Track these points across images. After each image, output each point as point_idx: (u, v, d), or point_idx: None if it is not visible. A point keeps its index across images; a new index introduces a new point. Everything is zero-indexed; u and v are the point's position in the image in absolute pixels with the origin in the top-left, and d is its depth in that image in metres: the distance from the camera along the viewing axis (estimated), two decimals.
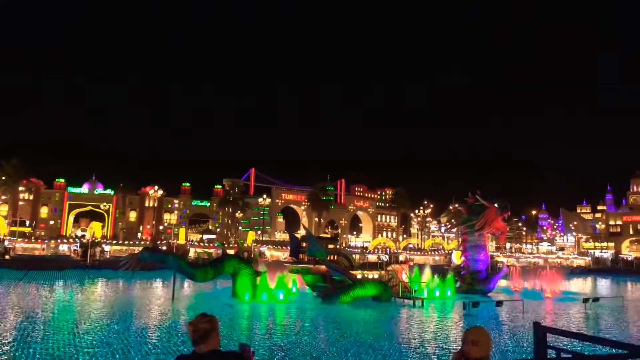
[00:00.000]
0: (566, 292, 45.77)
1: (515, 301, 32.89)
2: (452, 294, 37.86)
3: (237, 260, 31.15)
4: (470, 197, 43.31)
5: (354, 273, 32.29)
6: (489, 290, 40.47)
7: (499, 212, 41.49)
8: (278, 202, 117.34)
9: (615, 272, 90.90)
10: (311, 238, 34.12)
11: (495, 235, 47.21)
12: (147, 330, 19.73)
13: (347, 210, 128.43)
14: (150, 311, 25.53)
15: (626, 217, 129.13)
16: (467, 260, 41.73)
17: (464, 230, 42.71)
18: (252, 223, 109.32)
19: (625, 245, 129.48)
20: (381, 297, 31.58)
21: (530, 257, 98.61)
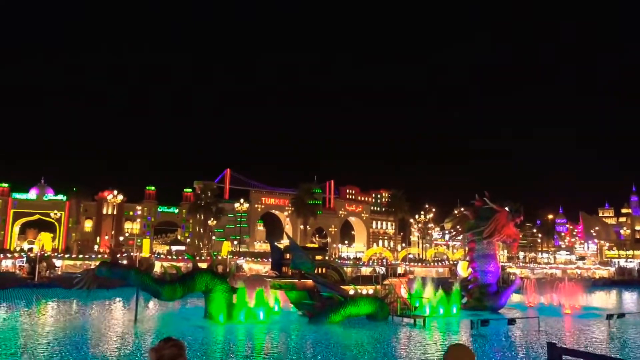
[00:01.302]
0: (587, 307, 46.28)
1: (530, 318, 33.20)
2: (458, 311, 38.07)
3: (210, 275, 31.00)
4: (477, 200, 43.62)
5: (346, 288, 32.31)
6: (500, 306, 40.78)
7: (511, 216, 41.83)
8: (257, 208, 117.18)
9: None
10: (296, 248, 34.08)
11: (507, 243, 47.53)
12: (105, 359, 19.53)
13: (337, 216, 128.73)
14: (109, 336, 25.26)
15: None
16: (474, 272, 42.02)
17: (471, 237, 43.00)
18: (227, 232, 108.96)
19: None
20: (377, 316, 31.64)
21: (546, 267, 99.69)
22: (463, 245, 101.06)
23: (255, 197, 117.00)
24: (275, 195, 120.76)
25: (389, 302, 33.25)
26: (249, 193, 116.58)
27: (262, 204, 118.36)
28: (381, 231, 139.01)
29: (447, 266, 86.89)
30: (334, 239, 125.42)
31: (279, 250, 36.53)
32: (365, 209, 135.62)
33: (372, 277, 35.73)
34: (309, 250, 37.16)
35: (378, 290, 33.84)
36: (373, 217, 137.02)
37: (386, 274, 37.08)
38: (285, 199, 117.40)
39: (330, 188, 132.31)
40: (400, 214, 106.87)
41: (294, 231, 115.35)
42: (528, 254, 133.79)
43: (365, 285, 33.88)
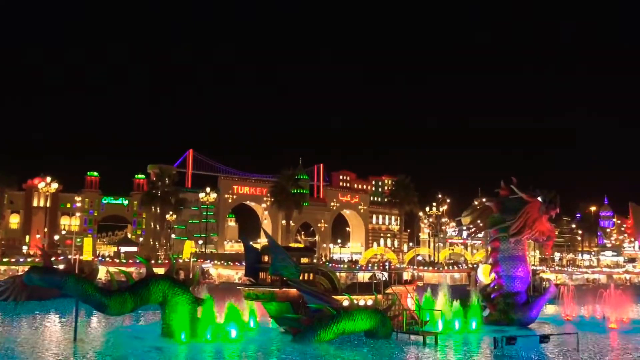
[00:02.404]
0: (638, 320, 46.89)
1: (567, 335, 33.58)
2: (478, 326, 38.39)
3: (169, 283, 30.98)
4: (502, 188, 43.90)
5: (338, 298, 32.47)
6: (530, 320, 41.22)
7: (544, 208, 42.17)
8: (228, 198, 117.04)
9: None
10: (276, 249, 34.11)
11: (539, 242, 48.04)
12: None
13: (328, 208, 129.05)
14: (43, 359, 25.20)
15: None
16: (499, 278, 42.39)
17: (495, 235, 43.32)
18: (190, 229, 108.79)
19: None
20: (377, 333, 31.84)
21: (588, 272, 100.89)
22: (485, 244, 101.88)
23: (226, 184, 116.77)
24: (250, 182, 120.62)
25: (393, 316, 33.45)
26: (218, 180, 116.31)
27: (234, 194, 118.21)
28: (383, 227, 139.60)
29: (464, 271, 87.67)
30: (324, 237, 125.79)
31: (255, 251, 36.51)
32: (363, 199, 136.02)
33: (372, 285, 35.87)
34: (292, 251, 37.21)
35: (379, 301, 34.05)
36: (373, 210, 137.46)
37: (389, 281, 37.20)
38: (262, 188, 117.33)
39: (319, 174, 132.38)
40: (407, 206, 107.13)
41: (274, 228, 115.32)
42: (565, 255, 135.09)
43: (363, 294, 34.06)
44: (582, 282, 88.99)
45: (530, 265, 50.51)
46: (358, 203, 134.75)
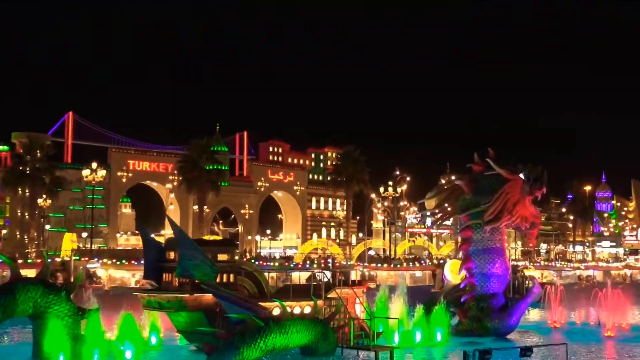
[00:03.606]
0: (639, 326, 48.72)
1: (554, 346, 34.59)
2: (445, 337, 39.13)
3: (42, 289, 30.40)
4: (476, 163, 44.53)
5: (267, 306, 32.51)
6: (509, 329, 42.26)
7: (527, 188, 43.02)
8: (122, 177, 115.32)
9: None
10: (185, 243, 33.77)
11: (521, 231, 49.06)
12: None
13: (255, 189, 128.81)
14: None
15: None
16: (471, 277, 43.20)
17: (466, 222, 44.04)
18: (71, 217, 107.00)
19: None
20: (317, 348, 32.04)
21: (581, 267, 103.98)
22: (454, 234, 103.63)
23: (118, 159, 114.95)
24: (151, 156, 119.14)
25: (337, 327, 33.67)
26: (108, 152, 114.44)
27: (130, 171, 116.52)
28: (325, 214, 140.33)
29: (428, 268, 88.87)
30: (250, 227, 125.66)
31: (158, 246, 36.16)
32: (300, 177, 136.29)
33: (311, 288, 36.04)
34: (207, 245, 36.88)
35: (319, 308, 34.25)
36: (312, 192, 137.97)
37: (333, 282, 37.43)
38: (168, 163, 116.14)
39: (242, 144, 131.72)
40: (356, 186, 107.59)
41: (183, 215, 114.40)
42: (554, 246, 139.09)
43: (300, 300, 34.19)
44: (573, 280, 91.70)
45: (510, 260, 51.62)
46: (293, 182, 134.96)
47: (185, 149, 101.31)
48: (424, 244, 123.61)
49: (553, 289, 52.59)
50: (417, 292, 57.28)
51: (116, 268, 77.58)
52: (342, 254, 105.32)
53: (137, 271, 67.77)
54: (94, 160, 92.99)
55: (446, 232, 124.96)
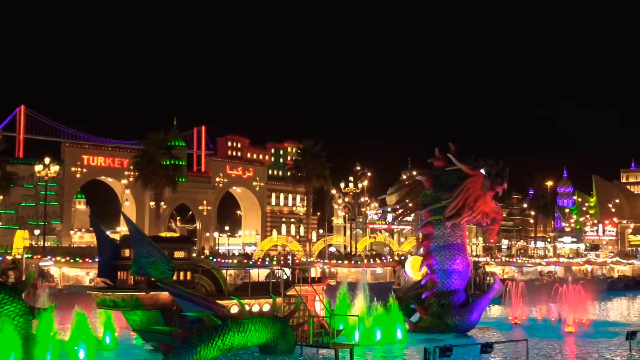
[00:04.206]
0: (600, 322, 49.57)
1: (515, 342, 35.00)
2: (405, 334, 39.38)
3: None
4: (437, 158, 44.84)
5: (225, 304, 32.38)
6: (470, 325, 42.67)
7: (488, 184, 43.44)
8: (76, 172, 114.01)
9: None
10: (141, 240, 33.48)
11: (482, 227, 49.56)
12: None
13: (213, 185, 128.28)
14: None
15: None
16: (432, 273, 43.52)
17: (427, 218, 44.34)
18: (22, 214, 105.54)
19: None
20: (276, 346, 32.08)
21: (542, 262, 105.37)
22: (415, 230, 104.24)
23: (72, 153, 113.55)
24: (106, 151, 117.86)
25: (296, 325, 33.72)
26: (61, 147, 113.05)
27: (84, 166, 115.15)
28: (285, 210, 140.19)
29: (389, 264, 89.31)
30: (208, 224, 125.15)
31: (112, 243, 35.85)
32: (259, 173, 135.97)
33: (270, 285, 36.00)
34: (163, 242, 36.61)
35: (278, 306, 34.25)
36: (272, 187, 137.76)
37: (292, 279, 37.48)
38: (123, 158, 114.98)
39: (200, 139, 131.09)
40: (317, 182, 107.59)
41: (139, 211, 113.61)
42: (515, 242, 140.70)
43: (258, 298, 34.08)
44: (534, 275, 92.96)
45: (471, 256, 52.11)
46: (252, 178, 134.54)
47: (142, 144, 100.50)
48: (385, 240, 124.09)
49: (514, 285, 53.24)
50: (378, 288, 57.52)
51: (70, 266, 76.74)
52: (302, 250, 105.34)
53: (92, 269, 67.10)
54: (47, 155, 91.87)
55: (407, 228, 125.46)
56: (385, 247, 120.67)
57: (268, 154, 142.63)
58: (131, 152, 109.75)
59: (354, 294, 42.20)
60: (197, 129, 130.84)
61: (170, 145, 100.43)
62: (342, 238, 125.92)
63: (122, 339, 35.74)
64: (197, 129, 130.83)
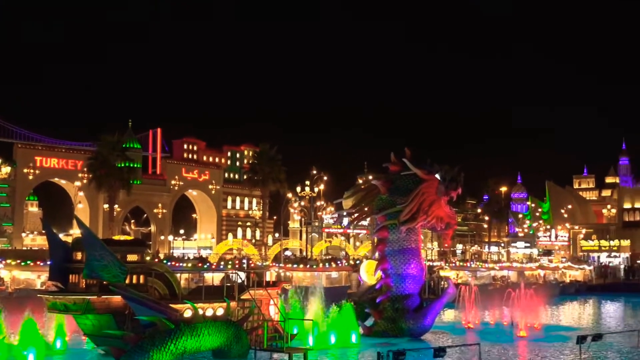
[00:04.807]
0: (552, 326, 50.27)
1: (468, 346, 35.32)
2: (359, 338, 39.49)
3: None
4: (392, 163, 45.06)
5: (178, 307, 32.21)
6: (423, 329, 42.93)
7: (443, 189, 43.78)
8: (28, 174, 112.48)
9: (630, 289, 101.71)
10: (93, 243, 33.13)
11: (436, 231, 49.89)
12: None
13: (169, 188, 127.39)
14: None
15: None
16: (386, 278, 43.72)
17: (382, 222, 44.53)
18: None
19: None
20: (230, 351, 31.98)
21: (496, 267, 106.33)
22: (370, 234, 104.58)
23: (25, 155, 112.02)
24: (59, 152, 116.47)
25: (250, 329, 33.65)
26: (13, 148, 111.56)
27: (37, 168, 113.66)
28: (241, 213, 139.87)
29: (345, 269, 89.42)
30: (163, 227, 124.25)
31: (64, 246, 35.39)
32: (215, 176, 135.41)
33: (224, 289, 35.86)
34: (116, 245, 36.31)
35: (232, 310, 34.15)
36: (228, 191, 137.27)
37: (247, 283, 37.35)
38: (77, 160, 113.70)
39: (155, 141, 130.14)
40: (273, 185, 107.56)
41: (93, 214, 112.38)
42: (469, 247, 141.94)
43: (212, 301, 33.96)
44: (488, 280, 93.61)
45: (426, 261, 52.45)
46: (208, 181, 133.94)
47: (96, 146, 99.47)
48: (341, 244, 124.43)
49: (467, 290, 53.66)
50: (334, 292, 57.65)
51: (21, 269, 75.64)
52: (258, 254, 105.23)
53: (43, 272, 66.20)
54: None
55: (363, 233, 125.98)
56: (341, 251, 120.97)
57: (224, 157, 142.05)
58: (85, 153, 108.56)
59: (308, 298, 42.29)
60: (152, 131, 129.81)
61: (124, 147, 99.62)
62: (298, 242, 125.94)
63: (74, 344, 35.34)
64: (152, 131, 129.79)
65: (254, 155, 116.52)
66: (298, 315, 38.84)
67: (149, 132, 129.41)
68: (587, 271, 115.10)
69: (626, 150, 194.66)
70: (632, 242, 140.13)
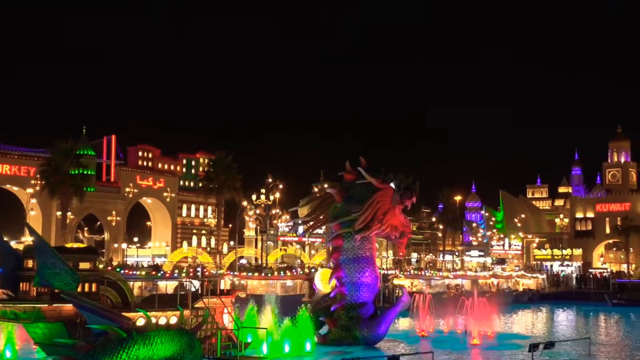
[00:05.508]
0: (505, 334, 50.79)
1: (421, 354, 35.54)
2: (314, 347, 39.50)
3: None
4: (348, 171, 45.20)
5: (131, 316, 31.96)
6: (378, 338, 43.10)
7: (398, 197, 44.04)
8: None
9: (581, 298, 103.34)
10: (45, 251, 32.75)
11: (391, 240, 50.16)
12: None
13: (123, 195, 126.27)
14: None
15: (600, 206, 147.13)
16: (341, 286, 43.81)
17: (337, 231, 44.63)
18: None
19: (599, 253, 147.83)
20: (183, 359, 31.78)
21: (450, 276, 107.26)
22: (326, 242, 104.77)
23: None
24: (11, 158, 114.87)
25: (204, 337, 33.50)
26: None
27: None
28: (196, 221, 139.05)
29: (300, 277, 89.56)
30: (116, 235, 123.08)
31: (15, 254, 34.98)
32: (171, 184, 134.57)
33: (177, 297, 35.68)
34: (68, 253, 36.00)
35: (187, 319, 33.97)
36: (183, 199, 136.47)
37: (201, 292, 37.21)
38: (30, 166, 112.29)
39: (110, 149, 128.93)
40: (228, 193, 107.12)
41: (46, 222, 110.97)
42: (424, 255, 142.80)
43: (165, 310, 33.78)
44: (442, 289, 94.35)
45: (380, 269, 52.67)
46: (163, 189, 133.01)
47: (49, 152, 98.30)
48: (296, 252, 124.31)
49: (422, 298, 54.06)
50: (289, 301, 57.65)
51: None
52: (213, 262, 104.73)
53: None
54: None
55: (318, 241, 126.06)
56: (296, 259, 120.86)
57: (180, 165, 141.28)
58: (38, 160, 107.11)
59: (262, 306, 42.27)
60: (107, 138, 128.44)
61: (78, 154, 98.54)
62: (253, 250, 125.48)
63: (24, 353, 34.90)
64: (107, 138, 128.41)
65: (210, 163, 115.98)
66: (252, 323, 38.79)
67: (103, 139, 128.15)
68: (540, 280, 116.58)
69: (579, 160, 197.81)
70: (584, 251, 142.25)
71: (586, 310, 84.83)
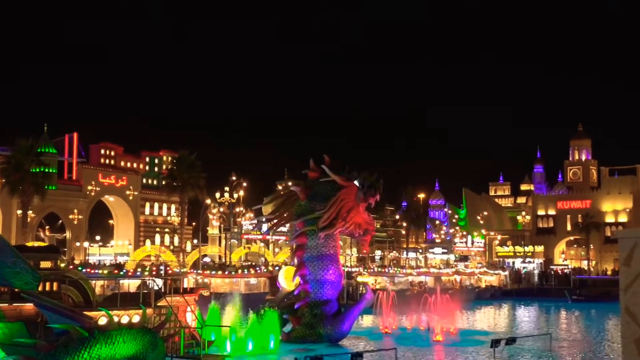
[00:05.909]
0: (467, 331, 51.31)
1: (384, 351, 35.76)
2: (277, 344, 39.55)
3: None
4: (311, 169, 45.30)
5: (93, 315, 31.73)
6: (341, 335, 43.23)
7: (361, 195, 44.22)
8: None
9: (543, 294, 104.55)
10: (4, 250, 32.41)
11: (355, 237, 50.38)
12: None
13: (85, 193, 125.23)
14: None
15: (562, 204, 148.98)
16: (305, 284, 43.88)
17: (301, 228, 44.71)
18: None
19: (560, 250, 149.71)
20: (145, 358, 31.56)
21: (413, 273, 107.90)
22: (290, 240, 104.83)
23: None
24: None
25: (167, 336, 33.34)
26: None
27: None
28: (159, 219, 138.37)
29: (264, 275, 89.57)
30: (79, 233, 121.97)
31: None
32: (133, 182, 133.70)
33: (140, 296, 35.50)
34: (29, 252, 35.74)
35: (149, 317, 33.79)
36: (146, 197, 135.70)
37: (164, 290, 37.04)
38: None
39: (72, 146, 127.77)
40: (192, 192, 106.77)
41: (6, 220, 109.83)
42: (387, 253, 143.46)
43: (127, 308, 33.60)
44: (405, 286, 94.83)
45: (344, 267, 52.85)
46: (126, 187, 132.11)
47: (9, 150, 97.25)
48: (260, 250, 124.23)
49: (385, 295, 54.36)
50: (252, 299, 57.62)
51: None
52: (176, 261, 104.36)
53: None
54: None
55: (282, 239, 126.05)
56: (260, 257, 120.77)
57: (143, 163, 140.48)
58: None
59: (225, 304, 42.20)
60: (68, 136, 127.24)
61: (39, 152, 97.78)
62: (217, 248, 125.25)
63: None
64: (68, 135, 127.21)
65: (173, 161, 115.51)
66: (216, 321, 38.71)
67: (64, 136, 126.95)
68: (502, 276, 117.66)
69: (541, 158, 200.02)
70: (546, 248, 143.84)
71: (547, 306, 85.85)
